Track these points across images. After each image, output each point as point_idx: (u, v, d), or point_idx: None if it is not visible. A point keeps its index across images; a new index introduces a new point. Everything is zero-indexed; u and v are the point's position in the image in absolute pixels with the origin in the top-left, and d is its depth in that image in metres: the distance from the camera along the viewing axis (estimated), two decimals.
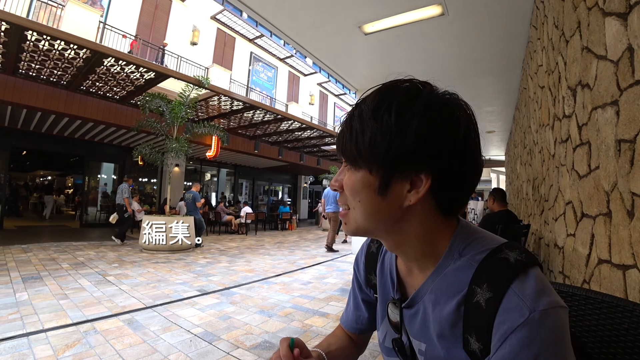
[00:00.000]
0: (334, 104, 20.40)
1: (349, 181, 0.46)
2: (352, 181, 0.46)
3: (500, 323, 0.37)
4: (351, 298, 0.69)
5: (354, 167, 0.46)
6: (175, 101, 6.64)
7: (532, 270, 0.39)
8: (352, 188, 0.46)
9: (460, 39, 3.67)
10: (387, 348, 0.56)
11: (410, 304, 0.50)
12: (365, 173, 0.44)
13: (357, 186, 0.45)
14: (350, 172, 0.46)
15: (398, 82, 0.45)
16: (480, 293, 0.40)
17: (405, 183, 0.43)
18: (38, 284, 3.62)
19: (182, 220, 6.41)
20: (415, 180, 0.42)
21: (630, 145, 1.01)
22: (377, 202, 0.44)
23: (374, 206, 0.45)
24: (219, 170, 14.63)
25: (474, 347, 0.40)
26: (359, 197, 0.45)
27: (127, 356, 2.09)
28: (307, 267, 5.37)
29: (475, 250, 0.44)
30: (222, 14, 12.72)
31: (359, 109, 0.45)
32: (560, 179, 1.99)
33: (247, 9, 3.43)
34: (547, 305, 0.35)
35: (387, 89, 0.45)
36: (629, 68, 1.01)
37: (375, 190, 0.44)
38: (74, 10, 7.65)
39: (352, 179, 0.46)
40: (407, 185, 0.43)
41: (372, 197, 0.44)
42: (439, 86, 0.46)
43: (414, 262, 0.50)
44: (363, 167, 0.44)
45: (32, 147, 10.52)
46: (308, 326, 2.73)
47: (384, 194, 0.43)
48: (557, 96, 2.02)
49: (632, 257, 1.02)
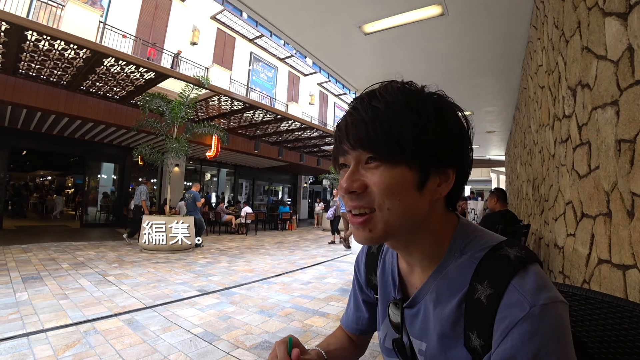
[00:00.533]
0: (334, 104, 20.40)
1: (384, 179, 0.41)
2: (388, 178, 0.41)
3: (502, 319, 0.37)
4: (352, 299, 0.69)
5: (390, 162, 0.42)
6: (175, 101, 6.64)
7: (532, 267, 0.39)
8: (389, 186, 0.41)
9: (460, 39, 3.67)
10: (387, 349, 0.56)
11: (412, 304, 0.50)
12: (404, 169, 0.41)
13: (397, 184, 0.41)
14: (381, 169, 0.42)
15: (405, 83, 0.46)
16: (481, 290, 0.40)
17: (436, 177, 0.44)
18: (38, 284, 3.62)
19: (182, 220, 6.41)
20: (443, 175, 0.44)
21: (630, 145, 1.01)
22: (415, 199, 0.43)
23: (412, 204, 0.43)
24: (219, 170, 14.63)
25: (475, 344, 0.40)
26: (398, 196, 0.42)
27: (127, 356, 2.09)
28: (307, 267, 5.37)
29: (476, 248, 0.44)
30: (222, 14, 12.72)
31: (383, 100, 0.42)
32: (560, 179, 1.99)
33: (247, 9, 3.43)
34: (547, 300, 0.36)
35: (405, 86, 0.45)
36: (629, 68, 1.01)
37: (415, 187, 0.42)
38: (74, 10, 7.64)
39: (388, 176, 0.41)
40: (437, 179, 0.44)
41: (412, 194, 0.42)
42: (439, 86, 0.48)
43: (417, 261, 0.50)
44: (401, 163, 0.41)
45: (32, 147, 10.52)
46: (308, 326, 2.73)
47: (421, 190, 0.43)
48: (557, 96, 2.02)
49: (632, 257, 1.02)
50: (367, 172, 0.43)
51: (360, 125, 0.42)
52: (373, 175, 0.42)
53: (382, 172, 0.42)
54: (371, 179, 0.42)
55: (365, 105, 0.43)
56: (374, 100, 0.43)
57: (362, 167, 0.43)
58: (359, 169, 0.43)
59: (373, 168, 0.42)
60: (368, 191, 0.42)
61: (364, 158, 0.43)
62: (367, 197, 0.43)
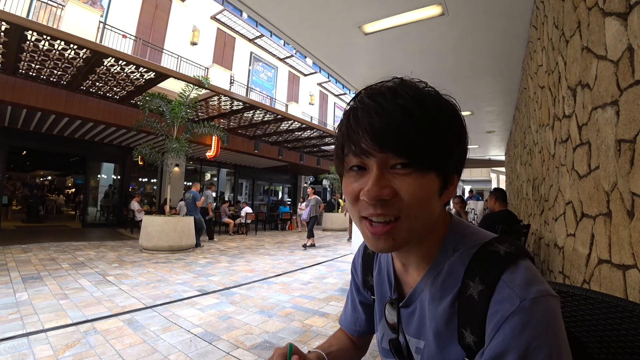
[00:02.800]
0: (334, 104, 20.39)
1: (418, 186, 0.40)
2: (419, 186, 0.40)
3: (493, 314, 0.37)
4: (349, 300, 0.69)
5: (422, 169, 0.40)
6: (175, 101, 6.64)
7: (522, 262, 0.40)
8: (422, 194, 0.40)
9: (460, 39, 3.67)
10: (384, 349, 0.56)
11: (408, 303, 0.50)
12: (433, 176, 0.41)
13: (429, 191, 0.41)
14: (414, 176, 0.40)
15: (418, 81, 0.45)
16: (473, 286, 0.41)
17: (448, 182, 0.45)
18: (38, 284, 3.62)
19: (182, 220, 6.41)
20: (451, 179, 0.45)
21: (630, 145, 1.01)
22: (437, 205, 0.43)
23: (434, 210, 0.43)
24: (219, 170, 14.63)
25: (468, 341, 0.40)
26: (426, 203, 0.41)
27: (127, 356, 2.09)
28: (307, 267, 5.37)
29: (468, 245, 0.45)
30: (222, 14, 12.72)
31: (414, 102, 0.39)
32: (560, 179, 1.99)
33: (247, 9, 3.42)
34: (537, 293, 0.36)
35: (428, 89, 0.43)
36: (629, 68, 1.01)
37: (438, 193, 0.43)
38: (74, 10, 7.64)
39: (421, 184, 0.40)
40: (448, 184, 0.45)
41: (435, 201, 0.43)
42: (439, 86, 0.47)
43: (413, 262, 0.50)
44: (431, 170, 0.40)
45: (32, 147, 10.51)
46: (308, 326, 2.73)
47: (441, 195, 0.44)
48: (557, 96, 2.02)
49: (632, 257, 1.02)
50: (394, 177, 0.40)
51: (392, 126, 0.39)
52: (403, 181, 0.40)
53: (415, 180, 0.40)
54: (401, 186, 0.40)
55: (391, 103, 0.40)
56: (400, 98, 0.40)
57: (387, 172, 0.40)
58: (384, 173, 0.40)
59: (404, 174, 0.40)
60: (396, 198, 0.40)
61: (392, 162, 0.40)
62: (395, 205, 0.40)
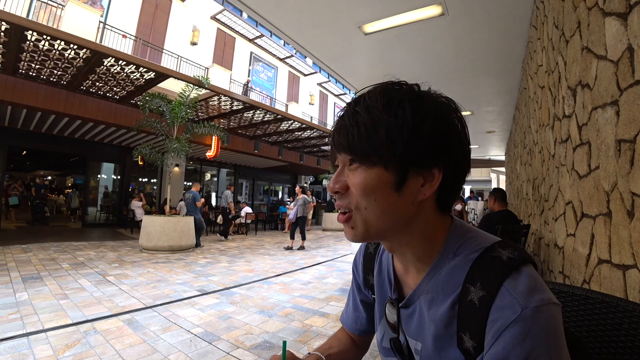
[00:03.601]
0: (334, 104, 20.39)
1: (360, 179, 0.44)
2: (364, 179, 0.43)
3: (494, 321, 0.37)
4: (350, 299, 0.69)
5: (366, 164, 0.44)
6: (175, 101, 6.64)
7: (525, 268, 0.39)
8: (366, 187, 0.43)
9: (460, 39, 3.67)
10: (384, 348, 0.56)
11: (407, 304, 0.50)
12: (380, 170, 0.43)
13: (372, 184, 0.43)
14: (359, 171, 0.44)
15: (395, 83, 0.46)
16: (473, 291, 0.40)
17: (419, 177, 0.44)
18: (38, 284, 3.62)
19: (182, 220, 6.41)
20: (428, 175, 0.44)
21: (630, 145, 1.01)
22: (394, 199, 0.43)
23: (390, 204, 0.44)
24: (219, 170, 14.63)
25: (467, 345, 0.40)
26: (374, 196, 0.43)
27: (127, 356, 2.09)
28: (307, 267, 5.37)
29: (469, 249, 0.44)
30: (222, 14, 12.72)
31: (364, 105, 0.44)
32: (560, 179, 1.99)
33: (247, 9, 3.42)
34: (539, 302, 0.36)
35: (391, 87, 0.45)
36: (629, 68, 1.01)
37: (392, 187, 0.43)
38: (74, 10, 7.63)
39: (364, 177, 0.44)
40: (420, 179, 0.44)
41: (388, 194, 0.43)
42: (439, 86, 0.48)
43: (411, 262, 0.50)
44: (377, 164, 0.43)
45: (32, 147, 10.51)
46: (308, 326, 2.73)
47: (399, 190, 0.43)
48: (557, 96, 2.02)
49: (632, 257, 1.02)
50: (349, 173, 0.46)
51: (343, 130, 0.45)
52: (353, 176, 0.45)
53: (360, 173, 0.44)
54: (351, 180, 0.45)
55: (350, 111, 0.45)
56: (358, 105, 0.45)
57: (347, 169, 0.46)
58: (344, 170, 0.46)
59: (353, 170, 0.45)
60: (349, 192, 0.45)
61: (347, 160, 0.46)
62: (348, 197, 0.45)
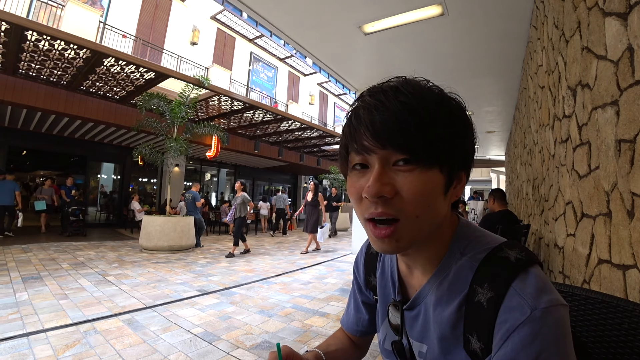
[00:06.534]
0: (334, 104, 20.39)
1: (420, 184, 0.39)
2: (424, 183, 0.39)
3: (502, 322, 0.37)
4: (351, 300, 0.68)
5: (422, 165, 0.39)
6: (175, 101, 6.64)
7: (533, 269, 0.39)
8: (424, 191, 0.39)
9: (460, 39, 3.67)
10: (386, 350, 0.55)
11: (412, 306, 0.49)
12: (436, 172, 0.40)
13: (430, 189, 0.39)
14: (415, 173, 0.39)
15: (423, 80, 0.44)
16: (481, 293, 0.40)
17: (455, 180, 0.43)
18: (38, 284, 3.62)
19: (182, 220, 6.41)
20: (459, 177, 0.44)
21: (630, 145, 1.01)
22: (442, 204, 0.42)
23: (439, 210, 0.41)
24: (219, 170, 14.63)
25: (474, 347, 0.40)
26: (429, 202, 0.39)
27: (127, 356, 2.09)
28: (307, 267, 5.36)
29: (476, 250, 0.44)
30: (222, 14, 12.72)
31: (413, 97, 0.39)
32: (560, 179, 1.99)
33: (247, 9, 3.43)
34: (548, 303, 0.35)
35: (427, 84, 0.43)
36: (629, 68, 1.01)
37: (443, 191, 0.41)
38: (74, 10, 7.64)
39: (424, 181, 0.39)
40: (456, 182, 0.44)
41: (440, 200, 0.41)
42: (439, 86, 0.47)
43: (417, 263, 0.49)
44: (435, 166, 0.39)
45: (32, 147, 10.50)
46: (308, 326, 2.73)
47: (446, 194, 0.42)
48: (557, 96, 2.02)
49: (632, 257, 1.02)
50: (396, 174, 0.39)
51: (393, 122, 0.38)
52: (405, 179, 0.39)
53: (417, 176, 0.39)
54: (403, 183, 0.39)
55: (392, 100, 0.39)
56: (402, 95, 0.39)
57: (389, 169, 0.40)
58: (386, 170, 0.40)
59: (406, 171, 0.39)
60: (398, 197, 0.39)
61: (394, 159, 0.39)
62: (396, 204, 0.39)
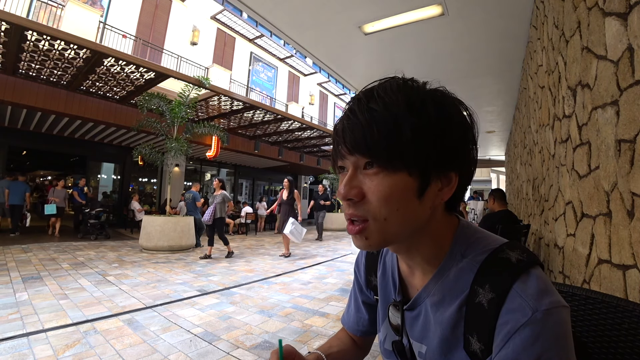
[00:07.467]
0: (334, 104, 20.39)
1: (383, 187, 0.39)
2: (388, 187, 0.39)
3: (503, 324, 0.37)
4: (352, 300, 0.68)
5: (389, 169, 0.39)
6: (175, 101, 6.64)
7: (534, 270, 0.39)
8: (389, 195, 0.39)
9: (460, 39, 3.67)
10: (386, 350, 0.55)
11: (412, 306, 0.49)
12: (404, 176, 0.39)
13: (396, 192, 0.39)
14: (380, 176, 0.39)
15: (407, 80, 0.43)
16: (482, 294, 0.40)
17: (438, 182, 0.42)
18: (38, 284, 3.62)
19: (182, 220, 6.41)
20: (445, 179, 0.42)
21: (630, 145, 1.01)
22: (415, 207, 0.41)
23: (412, 212, 0.41)
24: (219, 170, 14.63)
25: (475, 348, 0.40)
26: (396, 205, 0.39)
27: (127, 356, 2.09)
28: (307, 267, 5.36)
29: (477, 251, 0.43)
30: (222, 14, 12.72)
31: (381, 102, 0.39)
32: (560, 179, 1.99)
33: (247, 9, 3.43)
34: (550, 305, 0.35)
35: (408, 84, 0.42)
36: (629, 68, 1.01)
37: (415, 194, 0.40)
38: (74, 10, 7.63)
39: (387, 184, 0.39)
40: (439, 184, 0.42)
41: (410, 203, 0.40)
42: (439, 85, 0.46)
43: (417, 264, 0.49)
44: (401, 169, 0.39)
45: (32, 147, 10.51)
46: (308, 326, 2.73)
47: (421, 196, 0.40)
48: (557, 96, 2.02)
49: (632, 257, 1.02)
50: (365, 178, 0.41)
51: (357, 129, 0.39)
52: (371, 182, 0.40)
53: (381, 180, 0.39)
54: (370, 187, 0.40)
55: (362, 107, 0.40)
56: (372, 101, 0.40)
57: (360, 173, 0.41)
58: (357, 174, 0.41)
59: (371, 174, 0.40)
60: (365, 199, 0.40)
61: (362, 163, 0.41)
62: (364, 206, 0.40)
